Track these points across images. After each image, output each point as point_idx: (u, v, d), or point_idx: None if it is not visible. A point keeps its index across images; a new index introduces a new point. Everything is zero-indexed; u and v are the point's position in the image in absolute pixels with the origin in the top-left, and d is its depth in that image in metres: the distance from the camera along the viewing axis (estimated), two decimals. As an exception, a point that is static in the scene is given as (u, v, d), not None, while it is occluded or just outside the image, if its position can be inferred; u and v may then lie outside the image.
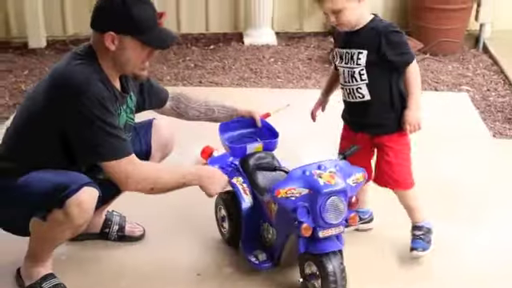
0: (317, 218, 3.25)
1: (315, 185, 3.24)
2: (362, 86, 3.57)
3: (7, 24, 7.23)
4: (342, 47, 3.59)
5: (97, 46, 3.29)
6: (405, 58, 3.54)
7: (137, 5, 3.21)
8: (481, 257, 3.84)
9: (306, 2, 7.18)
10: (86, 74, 3.20)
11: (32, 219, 3.30)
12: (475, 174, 4.66)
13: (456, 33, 6.75)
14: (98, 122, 3.17)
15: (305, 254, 3.34)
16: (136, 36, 3.22)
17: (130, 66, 3.32)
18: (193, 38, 7.19)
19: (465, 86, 6.07)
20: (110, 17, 3.24)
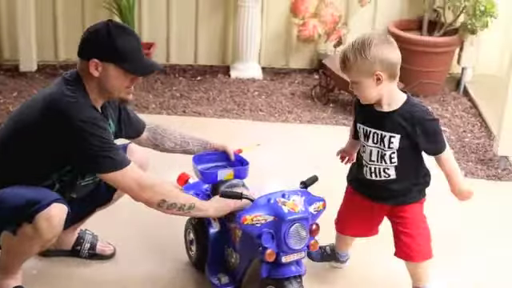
0: (281, 244, 3.36)
1: (280, 212, 3.36)
2: (390, 168, 3.55)
3: (0, 47, 7.35)
4: (372, 126, 3.51)
5: (82, 73, 3.45)
6: (438, 147, 3.52)
7: (121, 36, 3.40)
8: None
9: (293, 39, 7.30)
10: (77, 99, 3.36)
11: (2, 233, 3.42)
12: (443, 211, 4.76)
13: (438, 75, 6.87)
14: (96, 141, 3.32)
15: (267, 278, 3.43)
16: (119, 64, 3.38)
17: (115, 91, 3.48)
18: (181, 69, 7.29)
19: (442, 127, 6.18)
20: (95, 46, 3.41)
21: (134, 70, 3.44)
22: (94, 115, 3.38)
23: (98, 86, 3.44)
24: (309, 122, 6.19)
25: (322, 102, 6.57)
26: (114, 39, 3.37)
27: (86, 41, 3.45)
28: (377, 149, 3.52)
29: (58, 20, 7.22)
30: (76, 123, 3.29)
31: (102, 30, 3.41)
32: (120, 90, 3.47)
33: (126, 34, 3.44)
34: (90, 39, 3.44)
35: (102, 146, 3.34)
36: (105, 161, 3.36)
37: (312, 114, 6.36)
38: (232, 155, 3.94)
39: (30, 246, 3.44)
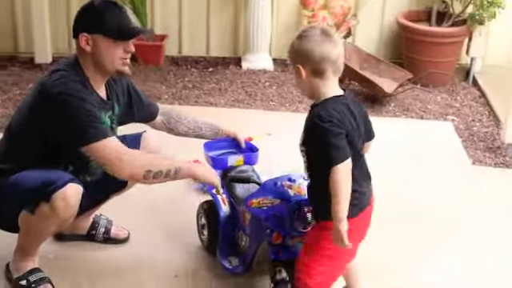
0: (287, 227, 3.42)
1: (286, 195, 3.43)
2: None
3: (15, 39, 7.46)
4: None
5: (78, 52, 3.54)
6: (325, 159, 3.09)
7: (107, 7, 3.47)
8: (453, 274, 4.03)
9: (304, 30, 7.38)
10: (65, 78, 3.42)
11: (21, 213, 3.49)
12: (451, 198, 4.86)
13: (447, 65, 6.94)
14: (75, 112, 3.35)
15: (274, 260, 3.50)
16: (106, 33, 3.44)
17: (109, 64, 3.51)
18: (193, 61, 7.39)
19: (451, 116, 6.27)
20: (82, 20, 3.50)
21: (121, 35, 3.47)
22: (76, 88, 3.40)
23: (93, 61, 3.49)
24: (319, 112, 6.25)
25: (332, 93, 6.64)
26: (98, 10, 3.45)
27: (76, 18, 3.54)
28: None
29: (71, 12, 7.26)
30: (55, 96, 3.36)
31: (88, 4, 3.50)
32: (113, 62, 3.50)
33: (111, 6, 3.50)
34: (78, 16, 3.53)
35: (81, 117, 3.36)
36: (84, 132, 3.37)
37: (322, 103, 6.42)
38: (242, 142, 3.99)
39: (47, 226, 3.51)
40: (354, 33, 7.23)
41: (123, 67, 3.56)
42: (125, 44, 3.50)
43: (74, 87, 3.39)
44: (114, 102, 3.73)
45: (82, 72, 3.50)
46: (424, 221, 4.53)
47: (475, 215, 4.67)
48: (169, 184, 3.64)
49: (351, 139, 3.11)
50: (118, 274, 3.89)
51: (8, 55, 7.36)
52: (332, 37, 3.14)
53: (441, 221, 4.54)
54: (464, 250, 4.27)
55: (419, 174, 5.17)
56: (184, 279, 3.87)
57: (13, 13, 7.39)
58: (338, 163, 3.02)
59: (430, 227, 4.46)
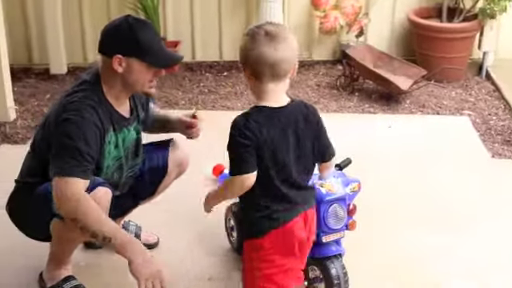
0: (321, 224, 3.47)
1: (318, 194, 3.46)
2: None
3: (30, 51, 7.52)
4: None
5: (104, 70, 3.50)
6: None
7: (142, 29, 3.43)
8: (473, 265, 4.07)
9: (315, 31, 7.41)
10: (80, 104, 3.39)
11: (52, 221, 3.48)
12: (472, 191, 4.90)
13: (460, 61, 6.96)
14: (68, 142, 3.30)
15: (309, 259, 3.50)
16: (142, 58, 3.42)
17: (139, 86, 3.51)
18: (207, 66, 7.42)
19: (466, 111, 6.30)
20: (117, 41, 3.44)
21: (158, 63, 3.47)
22: (90, 121, 3.36)
23: (122, 82, 3.48)
24: (335, 112, 6.30)
25: (348, 92, 6.69)
26: (135, 33, 3.40)
27: (108, 37, 3.48)
28: None
29: (84, 23, 7.39)
30: (61, 121, 3.36)
31: (123, 24, 3.43)
32: (143, 84, 3.50)
33: (146, 28, 3.47)
34: (111, 35, 3.47)
35: (68, 149, 3.30)
36: (54, 162, 3.33)
37: (338, 103, 6.48)
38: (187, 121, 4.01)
39: (80, 232, 3.45)
40: (365, 31, 7.26)
41: (150, 89, 3.57)
42: (157, 69, 3.50)
43: (87, 116, 3.36)
44: (138, 112, 3.76)
45: (103, 93, 3.49)
46: (444, 215, 4.57)
47: (496, 208, 4.70)
48: (193, 189, 3.67)
49: (263, 154, 3.03)
50: (150, 279, 3.92)
51: (22, 67, 7.40)
52: (275, 40, 2.99)
53: (462, 215, 4.58)
54: (484, 243, 4.30)
55: (439, 169, 5.21)
56: (218, 282, 3.91)
57: (26, 24, 7.45)
58: (234, 174, 3.07)
59: (451, 221, 4.50)
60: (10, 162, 4.02)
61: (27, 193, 3.60)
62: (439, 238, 4.28)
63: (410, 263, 4.05)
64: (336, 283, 3.53)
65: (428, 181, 5.01)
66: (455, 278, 3.94)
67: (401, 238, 4.25)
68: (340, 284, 3.53)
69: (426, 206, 4.67)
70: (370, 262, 4.00)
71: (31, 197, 3.57)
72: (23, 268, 4.00)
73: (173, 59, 3.65)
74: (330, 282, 3.54)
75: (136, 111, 3.73)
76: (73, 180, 3.26)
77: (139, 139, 3.80)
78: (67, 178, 3.25)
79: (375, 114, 6.29)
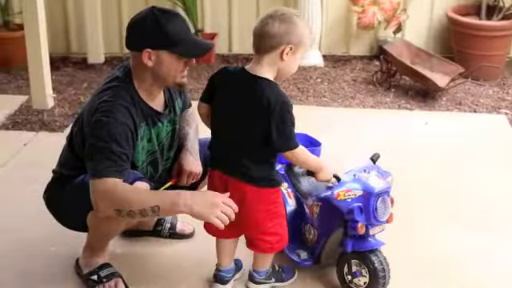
0: (369, 217, 3.51)
1: (368, 186, 3.51)
2: None
3: (68, 41, 7.59)
4: None
5: (134, 64, 3.47)
6: None
7: (170, 20, 3.38)
8: (507, 266, 4.05)
9: (352, 26, 7.41)
10: (112, 104, 3.37)
11: (90, 213, 3.48)
12: (509, 189, 4.87)
13: (497, 59, 6.92)
14: (101, 144, 3.30)
15: (351, 253, 3.58)
16: (171, 50, 3.38)
17: (170, 78, 3.47)
18: (243, 58, 7.42)
19: (503, 109, 6.26)
20: (144, 35, 3.38)
21: (188, 53, 3.43)
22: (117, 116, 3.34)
23: (152, 75, 3.44)
24: (372, 107, 6.30)
25: (384, 88, 6.67)
26: (162, 25, 3.35)
27: (135, 31, 3.43)
28: None
29: (123, 13, 7.44)
30: (94, 121, 3.36)
31: (149, 17, 3.38)
32: (175, 76, 3.47)
33: (173, 18, 3.42)
34: (138, 29, 3.41)
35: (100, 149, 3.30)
36: (89, 164, 3.34)
37: (375, 99, 6.47)
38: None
39: (117, 224, 3.53)
40: (403, 28, 7.24)
41: (182, 80, 3.53)
42: (188, 59, 3.48)
43: (119, 117, 3.35)
44: (174, 103, 3.75)
45: (134, 89, 3.48)
46: (482, 214, 4.54)
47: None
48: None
49: None
50: (185, 270, 3.94)
51: (61, 56, 7.47)
52: (271, 17, 3.24)
53: (499, 215, 4.55)
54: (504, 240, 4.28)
55: (475, 167, 5.18)
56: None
57: (65, 14, 7.53)
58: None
59: (488, 221, 4.47)
60: (48, 150, 4.08)
61: (64, 184, 3.64)
62: (477, 238, 4.25)
63: (447, 262, 4.03)
64: (381, 276, 3.55)
65: (465, 178, 4.98)
66: (493, 281, 3.90)
67: (438, 236, 4.24)
68: (385, 277, 3.56)
69: (463, 204, 4.64)
70: (408, 257, 3.97)
71: (68, 189, 3.60)
72: (56, 256, 4.03)
73: (203, 48, 3.54)
74: (375, 276, 3.55)
75: (172, 102, 3.71)
76: (109, 180, 3.26)
77: (174, 130, 3.78)
78: (104, 179, 3.26)
79: (412, 110, 6.27)
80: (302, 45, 3.27)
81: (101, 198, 3.27)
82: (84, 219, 3.56)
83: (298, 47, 3.25)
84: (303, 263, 3.83)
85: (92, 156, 3.32)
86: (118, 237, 4.07)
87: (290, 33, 3.21)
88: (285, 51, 3.21)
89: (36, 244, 4.15)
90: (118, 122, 3.34)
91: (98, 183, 3.27)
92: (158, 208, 3.22)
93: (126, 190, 3.29)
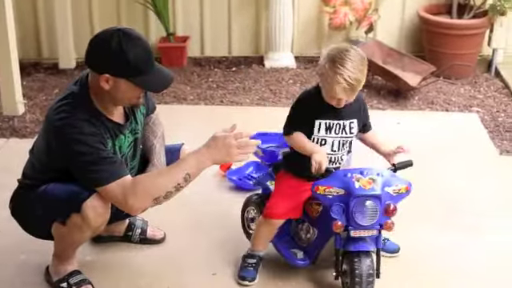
0: (349, 218, 3.51)
1: (350, 187, 3.49)
2: (345, 153, 3.77)
3: (39, 46, 7.53)
4: (331, 119, 3.65)
5: (93, 82, 3.42)
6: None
7: (133, 49, 3.29)
8: (483, 262, 4.06)
9: (324, 27, 7.41)
10: (72, 114, 3.35)
11: (53, 225, 3.54)
12: (480, 187, 4.89)
13: (469, 57, 6.93)
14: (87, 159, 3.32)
15: (340, 250, 3.60)
16: (130, 79, 3.34)
17: (125, 102, 3.48)
18: (215, 61, 7.42)
19: (475, 108, 6.28)
20: (106, 60, 3.31)
21: (146, 86, 3.40)
22: (83, 130, 3.34)
23: (109, 97, 3.41)
24: (344, 108, 6.28)
25: (356, 88, 6.67)
26: (125, 53, 3.27)
27: (97, 53, 3.35)
28: (339, 138, 3.69)
29: (93, 17, 7.39)
30: (66, 138, 3.33)
31: (114, 40, 3.28)
32: (131, 100, 3.46)
33: (137, 45, 3.33)
34: (100, 52, 3.33)
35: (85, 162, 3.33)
36: (88, 177, 3.37)
37: (347, 99, 6.46)
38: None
39: (80, 234, 3.54)
40: (375, 28, 7.24)
41: (138, 101, 3.51)
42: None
43: (78, 126, 3.34)
44: (135, 115, 3.70)
45: (93, 104, 3.44)
46: (452, 212, 4.56)
47: (504, 206, 4.69)
48: (201, 183, 3.69)
49: None
50: (156, 275, 3.93)
51: (32, 61, 7.42)
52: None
53: (469, 212, 4.57)
54: (492, 241, 4.28)
55: (447, 165, 5.20)
56: (222, 277, 3.91)
57: (36, 19, 7.46)
58: None
59: (460, 220, 4.49)
60: (19, 156, 4.04)
61: (28, 194, 3.63)
62: (447, 236, 4.28)
63: (419, 260, 4.06)
64: (357, 281, 3.53)
65: (436, 177, 5.00)
66: (461, 278, 3.92)
67: (409, 234, 4.24)
68: (361, 282, 3.53)
69: (435, 202, 4.66)
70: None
71: (31, 198, 3.60)
72: (25, 265, 4.01)
73: (162, 83, 3.47)
74: (353, 278, 3.55)
75: (132, 112, 3.66)
76: (124, 179, 3.35)
77: (136, 140, 3.75)
78: (117, 181, 3.34)
79: (384, 110, 6.28)
80: None
81: (132, 195, 3.35)
82: (49, 228, 3.58)
83: None
84: (301, 262, 3.83)
85: (87, 173, 3.35)
86: (87, 243, 4.07)
87: None
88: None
89: (6, 252, 4.13)
90: (88, 133, 3.34)
91: (115, 188, 3.34)
92: (188, 175, 3.39)
93: (150, 177, 3.46)
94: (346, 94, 3.51)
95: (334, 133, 3.67)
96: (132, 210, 3.43)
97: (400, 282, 3.87)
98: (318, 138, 3.66)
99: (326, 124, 3.64)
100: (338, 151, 3.71)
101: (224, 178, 4.85)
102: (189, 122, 5.84)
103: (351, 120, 3.69)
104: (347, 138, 3.70)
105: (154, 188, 3.37)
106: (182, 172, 3.38)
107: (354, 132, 3.71)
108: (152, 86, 3.46)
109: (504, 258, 4.12)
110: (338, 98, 3.54)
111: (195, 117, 6.04)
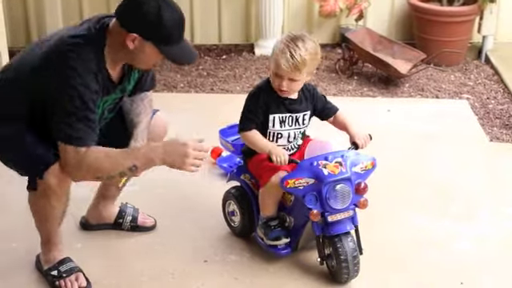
0: (324, 205, 3.54)
1: (320, 175, 3.53)
2: (299, 139, 3.88)
3: (28, 35, 7.48)
4: (283, 112, 3.72)
5: (114, 35, 3.34)
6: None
7: (170, 16, 3.26)
8: (472, 249, 4.07)
9: (314, 15, 7.40)
10: (84, 61, 3.27)
11: (28, 195, 3.52)
12: (471, 174, 4.90)
13: (459, 44, 6.93)
14: (74, 109, 3.25)
15: (321, 236, 3.65)
16: (158, 45, 3.31)
17: (142, 65, 3.47)
18: (206, 49, 7.41)
19: (465, 95, 6.29)
20: (140, 20, 3.27)
21: (171, 57, 3.38)
22: (90, 87, 3.29)
23: (127, 54, 3.37)
24: (335, 95, 6.27)
25: (347, 75, 6.68)
26: (161, 18, 3.23)
27: (131, 10, 3.29)
28: (294, 130, 3.79)
29: (83, 5, 7.36)
30: (68, 82, 3.25)
31: (152, 3, 3.23)
32: (147, 64, 3.47)
33: (173, 13, 3.29)
34: (136, 10, 3.27)
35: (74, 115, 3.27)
36: (62, 127, 3.30)
37: (337, 87, 6.47)
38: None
39: (49, 203, 3.49)
40: (365, 15, 7.23)
41: (151, 67, 3.57)
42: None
43: (87, 81, 3.28)
44: (130, 75, 3.64)
45: (103, 53, 3.36)
46: (443, 199, 4.57)
47: (494, 192, 4.70)
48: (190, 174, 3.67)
49: None
50: (147, 262, 3.92)
51: (21, 48, 7.34)
52: None
53: (460, 199, 4.58)
54: (482, 228, 4.30)
55: (437, 152, 5.22)
56: (213, 264, 3.91)
57: (25, 8, 7.41)
58: None
59: (449, 206, 4.50)
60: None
61: None
62: (437, 224, 4.29)
63: (409, 248, 4.07)
64: (343, 259, 3.59)
65: (426, 164, 5.01)
66: (453, 265, 3.93)
67: (400, 221, 4.28)
68: (347, 261, 3.59)
69: (426, 189, 4.67)
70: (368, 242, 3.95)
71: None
72: (15, 251, 4.00)
73: (187, 57, 3.48)
74: (338, 260, 3.61)
75: (129, 74, 3.61)
76: (83, 149, 3.29)
77: (122, 97, 3.69)
78: (79, 148, 3.29)
79: (374, 97, 6.28)
80: None
81: (77, 168, 3.32)
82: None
83: None
84: (282, 251, 3.84)
85: (66, 120, 3.27)
86: (77, 230, 4.10)
87: None
88: None
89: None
90: (91, 90, 3.29)
91: (74, 153, 3.29)
92: (135, 167, 3.34)
93: (100, 157, 3.33)
94: (289, 71, 3.56)
95: (287, 126, 3.76)
96: (72, 178, 3.42)
97: (390, 270, 3.88)
98: (274, 132, 3.76)
99: (280, 118, 3.73)
100: (293, 140, 3.81)
101: (214, 165, 4.85)
102: (179, 109, 5.83)
103: (304, 112, 3.79)
104: (301, 128, 3.81)
105: (99, 169, 3.33)
106: (130, 162, 3.33)
107: (306, 123, 3.82)
108: (176, 58, 3.43)
109: (494, 246, 4.12)
110: (280, 77, 3.60)
111: (185, 105, 6.02)
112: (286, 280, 3.79)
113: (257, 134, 3.71)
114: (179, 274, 3.82)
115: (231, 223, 4.15)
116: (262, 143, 3.69)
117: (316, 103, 3.85)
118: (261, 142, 3.70)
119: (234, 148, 4.20)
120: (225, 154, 4.82)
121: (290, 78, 3.59)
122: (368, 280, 3.75)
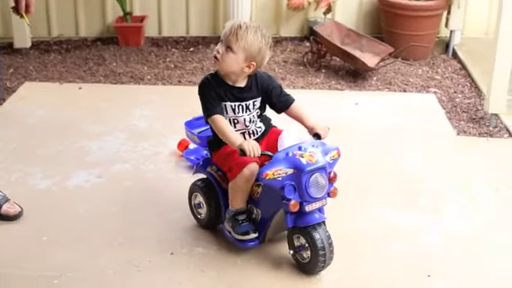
0: (303, 194, 3.55)
1: (299, 164, 3.53)
2: (257, 121, 3.89)
3: (-7, 25, 7.43)
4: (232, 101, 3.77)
5: None
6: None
7: None
8: (439, 242, 4.07)
9: (282, 8, 7.38)
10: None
11: None
12: (438, 168, 4.91)
13: (427, 38, 6.95)
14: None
15: (293, 228, 3.65)
16: None
17: None
18: (173, 41, 7.37)
19: (433, 88, 6.31)
20: None
21: None
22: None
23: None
24: (302, 88, 6.28)
25: (314, 68, 6.67)
26: None
27: None
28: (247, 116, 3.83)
29: (49, -4, 7.32)
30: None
31: None
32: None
33: None
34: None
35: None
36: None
37: (305, 80, 6.46)
38: None
39: None
40: (333, 8, 7.22)
41: None
42: None
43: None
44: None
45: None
46: (410, 193, 4.58)
47: (460, 186, 4.71)
48: (158, 162, 3.64)
49: None
50: (112, 255, 3.88)
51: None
52: None
53: (426, 192, 4.58)
54: (448, 221, 4.30)
55: (405, 146, 5.23)
56: (180, 256, 3.88)
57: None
58: None
59: (417, 199, 4.51)
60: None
61: None
62: (404, 217, 4.30)
63: (376, 239, 4.07)
64: (320, 247, 3.60)
65: (393, 158, 5.02)
66: (420, 259, 3.93)
67: (367, 214, 4.27)
68: (324, 248, 3.61)
69: (392, 183, 4.67)
70: (338, 235, 3.93)
71: None
72: None
73: None
74: (315, 249, 3.61)
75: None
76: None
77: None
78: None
79: (342, 90, 6.28)
80: None
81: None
82: None
83: None
84: (250, 243, 3.83)
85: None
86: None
87: None
88: None
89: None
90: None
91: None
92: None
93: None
94: (228, 35, 3.68)
95: (240, 112, 3.79)
96: None
97: (358, 263, 3.87)
98: (230, 119, 3.81)
99: (231, 106, 3.78)
100: (250, 124, 3.84)
101: (181, 157, 4.82)
102: (146, 102, 5.79)
103: (254, 100, 3.82)
104: (253, 112, 3.83)
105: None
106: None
107: (257, 108, 3.84)
108: None
109: (460, 239, 4.12)
110: (220, 42, 3.74)
111: (152, 96, 5.98)
112: (255, 272, 3.77)
113: (224, 120, 3.74)
114: (145, 267, 3.79)
115: (197, 215, 4.13)
116: (232, 135, 3.69)
117: (269, 91, 3.85)
118: (230, 132, 3.70)
119: (200, 140, 4.18)
120: (192, 147, 4.79)
121: (228, 45, 3.67)
122: (337, 272, 3.74)
